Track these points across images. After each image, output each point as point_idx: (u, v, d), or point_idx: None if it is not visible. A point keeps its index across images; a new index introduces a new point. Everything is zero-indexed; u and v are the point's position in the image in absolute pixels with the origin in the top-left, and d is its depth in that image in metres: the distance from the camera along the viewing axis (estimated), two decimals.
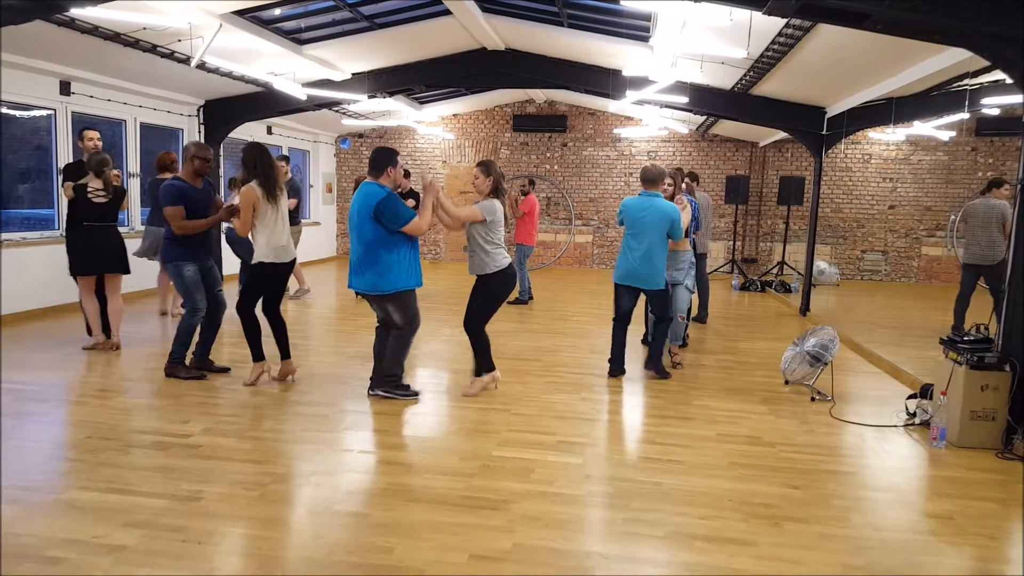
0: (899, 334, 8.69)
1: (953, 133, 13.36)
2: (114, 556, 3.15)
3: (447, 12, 8.93)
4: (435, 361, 7.02)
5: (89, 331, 7.18)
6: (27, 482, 3.93)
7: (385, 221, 5.16)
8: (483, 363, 5.84)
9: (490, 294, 5.69)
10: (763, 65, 8.02)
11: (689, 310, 7.60)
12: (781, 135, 12.83)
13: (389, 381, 5.60)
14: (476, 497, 3.87)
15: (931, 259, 14.66)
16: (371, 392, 5.65)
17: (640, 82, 9.25)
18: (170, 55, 8.55)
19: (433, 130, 15.89)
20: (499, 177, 5.69)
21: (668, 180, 6.73)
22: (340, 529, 3.50)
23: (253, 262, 5.75)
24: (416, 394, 5.68)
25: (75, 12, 6.13)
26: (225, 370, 6.23)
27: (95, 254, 6.75)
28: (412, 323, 5.53)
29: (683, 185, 7.26)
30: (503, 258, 5.64)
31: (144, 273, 9.16)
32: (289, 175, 9.84)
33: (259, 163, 5.65)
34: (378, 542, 3.35)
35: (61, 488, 3.87)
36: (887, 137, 13.86)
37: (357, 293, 10.46)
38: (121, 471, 4.08)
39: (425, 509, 3.72)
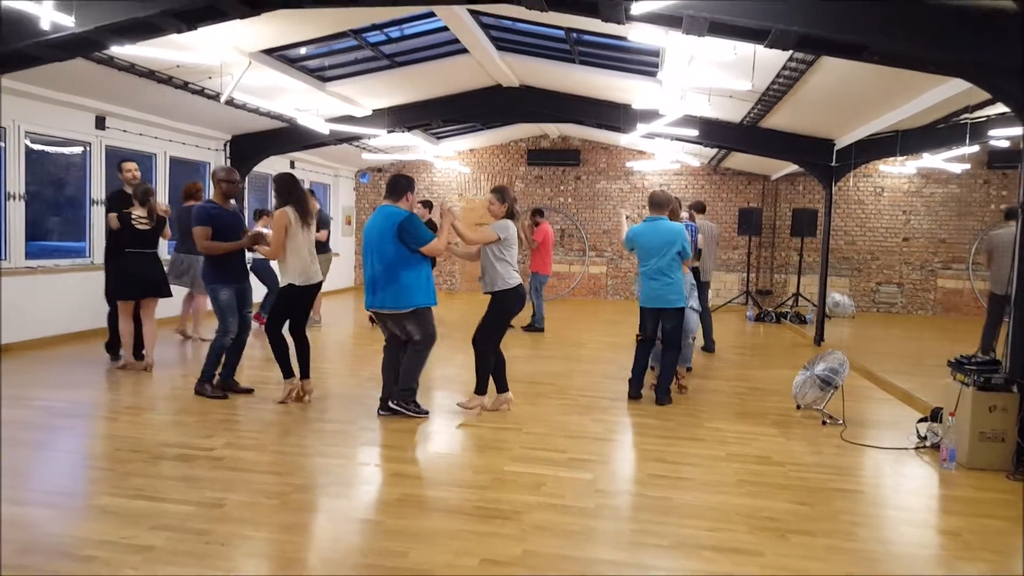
0: (914, 363, 8.74)
1: (968, 166, 13.45)
2: (143, 555, 3.31)
3: (464, 51, 9.26)
4: (450, 384, 7.17)
5: (108, 350, 7.42)
6: (61, 489, 4.14)
7: (408, 240, 5.41)
8: (488, 381, 5.99)
9: (500, 312, 5.88)
10: (770, 98, 8.24)
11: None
12: (793, 168, 13.00)
13: (404, 395, 5.74)
14: (488, 508, 4.00)
15: (948, 292, 14.66)
16: (381, 412, 5.78)
17: (650, 115, 9.48)
18: (200, 91, 8.92)
19: (450, 164, 16.22)
20: (512, 202, 5.95)
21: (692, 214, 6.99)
22: (356, 535, 3.65)
23: (282, 284, 6.01)
24: (426, 413, 5.83)
25: (113, 50, 6.46)
26: (249, 391, 6.41)
27: (137, 279, 7.02)
28: (430, 338, 5.73)
29: (683, 215, 7.46)
30: (514, 277, 5.83)
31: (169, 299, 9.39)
32: (318, 206, 10.12)
33: (292, 191, 5.97)
34: (392, 547, 3.49)
35: (92, 495, 4.07)
36: (899, 170, 13.99)
37: (372, 319, 10.72)
38: (148, 480, 4.25)
39: (438, 518, 3.86)
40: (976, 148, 11.66)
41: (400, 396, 5.74)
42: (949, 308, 14.63)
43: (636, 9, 4.84)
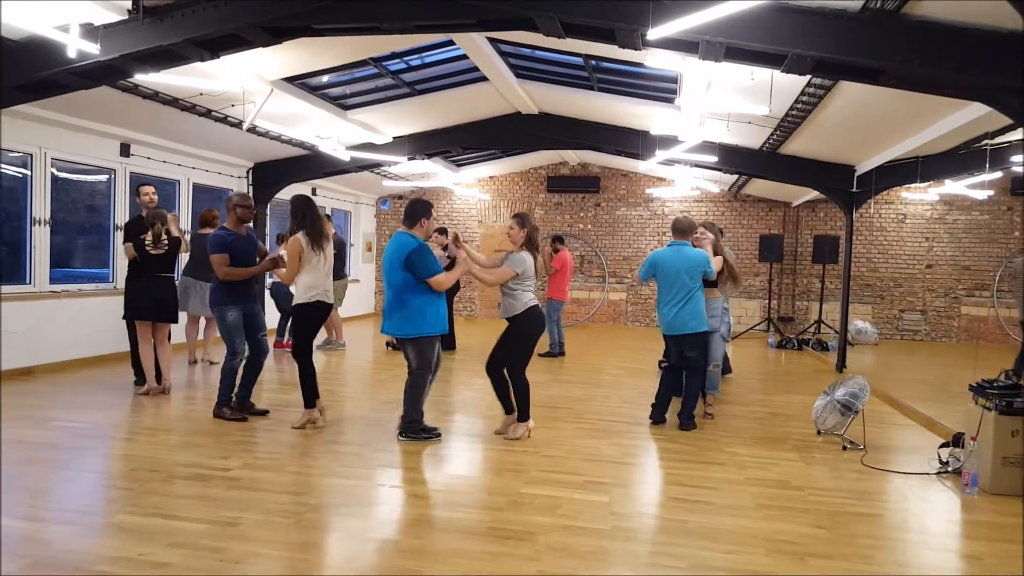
0: (937, 390, 8.61)
1: (991, 192, 13.34)
2: (158, 572, 3.33)
3: (483, 79, 9.38)
4: (468, 408, 7.17)
5: (135, 375, 7.48)
6: (79, 507, 4.18)
7: (415, 270, 5.46)
8: (524, 407, 5.96)
9: (522, 334, 5.87)
10: (789, 124, 8.25)
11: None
12: (814, 195, 12.96)
13: (410, 428, 5.74)
14: (503, 528, 3.98)
15: (972, 319, 14.46)
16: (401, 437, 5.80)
17: (669, 142, 9.52)
18: (223, 119, 9.10)
19: (470, 191, 16.35)
20: (532, 230, 5.96)
21: (701, 230, 6.96)
22: (370, 554, 3.65)
23: (293, 304, 6.06)
24: (439, 435, 5.82)
25: (138, 78, 6.62)
26: (264, 412, 6.46)
27: (151, 302, 7.07)
28: (426, 368, 5.71)
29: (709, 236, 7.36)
30: (530, 299, 5.84)
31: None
32: (334, 230, 10.23)
33: (306, 214, 6.03)
34: (407, 565, 3.48)
35: (110, 512, 4.11)
36: (921, 197, 13.91)
37: (388, 344, 10.80)
38: (165, 499, 4.29)
39: (453, 538, 3.85)
40: (999, 174, 11.58)
41: (407, 428, 5.75)
42: (974, 336, 14.40)
43: (652, 35, 4.87)
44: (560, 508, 4.33)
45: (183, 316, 9.07)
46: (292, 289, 6.19)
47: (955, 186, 11.71)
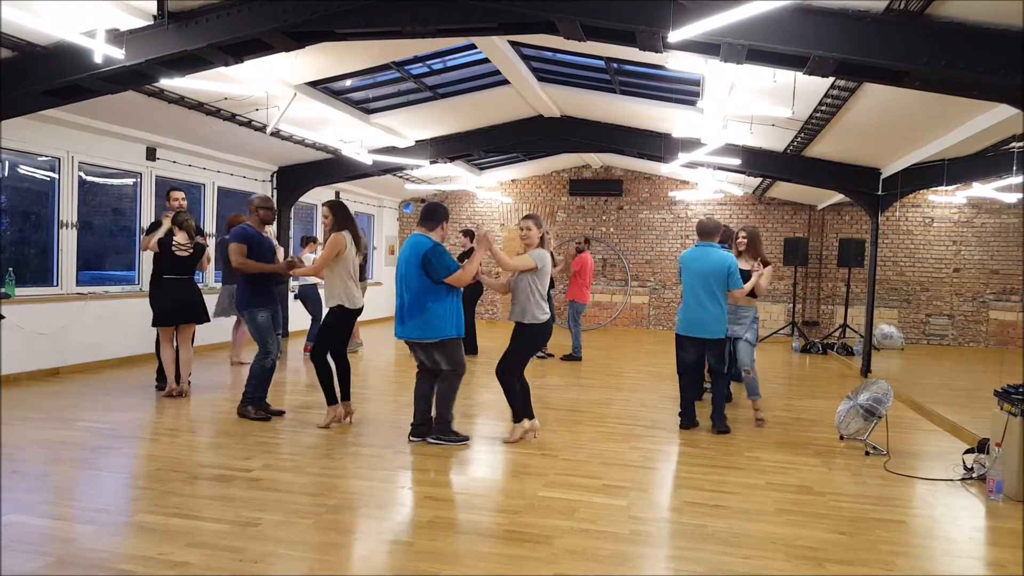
0: (963, 395, 8.47)
1: (1021, 195, 13.09)
2: (177, 571, 3.37)
3: (505, 82, 9.39)
4: (488, 411, 7.17)
5: (158, 378, 7.57)
6: (101, 506, 4.23)
7: (431, 271, 5.45)
8: (519, 410, 5.94)
9: (527, 342, 5.87)
10: (813, 126, 8.17)
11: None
12: (839, 198, 12.82)
13: (440, 428, 5.76)
14: (520, 532, 3.98)
15: (1002, 324, 14.21)
16: (412, 438, 5.79)
17: (691, 144, 9.47)
18: (248, 123, 9.20)
19: (492, 195, 16.38)
20: (545, 231, 5.95)
21: (743, 235, 6.94)
22: (387, 555, 3.67)
23: (332, 305, 6.12)
24: (466, 439, 5.84)
25: (164, 83, 6.71)
26: (280, 413, 6.53)
27: (174, 305, 7.16)
28: (459, 368, 5.74)
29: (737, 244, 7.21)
30: (546, 311, 5.81)
31: (218, 326, 9.57)
32: None
33: (348, 219, 6.20)
34: (423, 567, 3.49)
35: (131, 512, 4.16)
36: (948, 200, 13.69)
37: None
38: (186, 499, 4.33)
39: (470, 540, 3.85)
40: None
41: (438, 430, 5.76)
42: (1004, 341, 14.16)
43: (673, 37, 4.85)
44: (578, 512, 4.32)
45: (230, 321, 9.19)
46: (321, 293, 6.31)
47: (983, 189, 11.51)
